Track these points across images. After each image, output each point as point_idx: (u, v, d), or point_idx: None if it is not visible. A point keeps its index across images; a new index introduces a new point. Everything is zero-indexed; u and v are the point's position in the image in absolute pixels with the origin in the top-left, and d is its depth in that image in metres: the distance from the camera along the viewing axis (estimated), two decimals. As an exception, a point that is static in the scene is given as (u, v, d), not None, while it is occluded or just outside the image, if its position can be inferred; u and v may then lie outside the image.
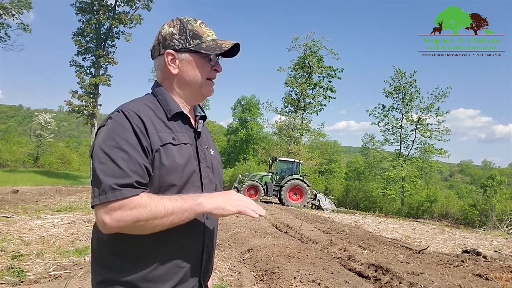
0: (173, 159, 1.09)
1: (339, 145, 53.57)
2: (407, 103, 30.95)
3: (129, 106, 1.11)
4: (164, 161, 1.07)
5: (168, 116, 1.17)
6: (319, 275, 4.49)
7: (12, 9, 27.58)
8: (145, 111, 1.12)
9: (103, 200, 0.97)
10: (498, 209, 22.51)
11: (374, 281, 4.64)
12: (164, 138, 1.10)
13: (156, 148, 1.07)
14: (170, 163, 1.08)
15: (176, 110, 1.18)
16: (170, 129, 1.14)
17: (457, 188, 48.63)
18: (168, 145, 1.10)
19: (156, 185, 1.07)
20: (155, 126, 1.10)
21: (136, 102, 1.16)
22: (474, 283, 4.55)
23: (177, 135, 1.15)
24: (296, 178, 19.18)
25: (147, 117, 1.10)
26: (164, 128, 1.13)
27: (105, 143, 1.03)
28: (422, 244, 8.65)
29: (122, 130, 1.04)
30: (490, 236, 11.98)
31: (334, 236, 8.25)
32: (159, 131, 1.11)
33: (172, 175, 1.08)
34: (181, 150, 1.13)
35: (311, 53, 30.51)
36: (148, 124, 1.08)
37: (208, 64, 1.22)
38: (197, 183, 1.17)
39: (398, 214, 26.40)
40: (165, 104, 1.19)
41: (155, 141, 1.08)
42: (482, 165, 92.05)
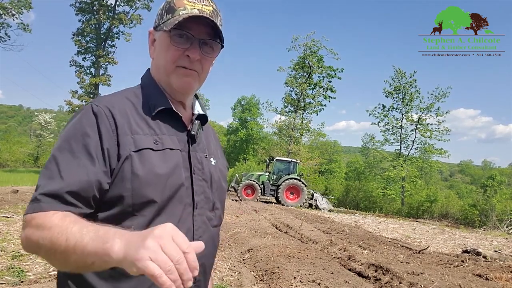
0: (150, 168, 0.87)
1: (339, 145, 53.57)
2: (407, 103, 30.94)
3: (104, 100, 0.92)
4: (137, 170, 0.85)
5: (152, 113, 0.95)
6: (319, 275, 4.49)
7: (12, 9, 27.58)
8: (122, 106, 0.92)
9: (26, 210, 0.78)
10: (498, 209, 22.51)
11: (374, 281, 4.63)
12: (140, 142, 0.88)
13: (127, 155, 0.86)
14: (146, 173, 0.86)
15: (160, 106, 0.96)
16: (153, 130, 0.93)
17: (457, 188, 48.61)
18: (146, 151, 0.88)
19: (127, 202, 0.84)
20: (131, 126, 0.90)
21: (116, 95, 0.97)
22: (474, 283, 4.55)
23: (162, 138, 0.93)
24: (293, 178, 19.17)
25: (123, 115, 0.90)
26: (144, 128, 0.92)
27: (58, 142, 0.86)
28: (422, 244, 8.65)
29: (81, 129, 0.85)
30: (490, 236, 11.98)
31: (334, 236, 8.24)
32: (136, 132, 0.89)
33: (148, 188, 0.86)
34: (165, 157, 0.91)
35: (311, 53, 30.49)
36: (120, 124, 0.88)
37: (171, 45, 0.95)
38: (187, 200, 0.93)
39: (398, 214, 26.40)
40: (147, 97, 0.98)
41: (127, 145, 0.87)
42: (482, 165, 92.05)
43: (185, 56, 0.96)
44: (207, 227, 0.99)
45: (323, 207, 19.59)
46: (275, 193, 19.25)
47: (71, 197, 0.79)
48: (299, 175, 20.05)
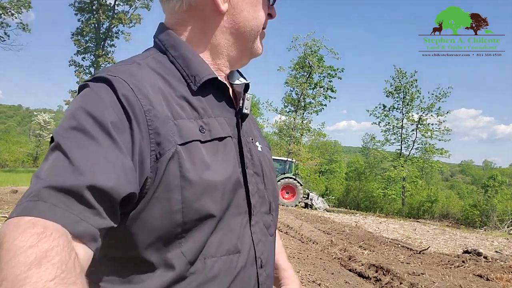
0: (204, 169, 0.62)
1: (340, 145, 53.57)
2: (408, 103, 30.94)
3: (122, 71, 0.63)
4: (189, 173, 0.60)
5: (193, 87, 0.68)
6: (320, 275, 4.46)
7: (11, 9, 27.59)
8: (152, 78, 0.65)
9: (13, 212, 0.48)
10: (499, 210, 22.49)
11: (375, 281, 4.61)
12: (187, 130, 0.63)
13: (172, 151, 0.59)
14: (201, 177, 0.61)
15: (206, 75, 0.69)
16: (196, 111, 0.67)
17: (457, 188, 48.61)
18: (194, 144, 0.63)
19: (176, 220, 0.59)
20: (171, 107, 0.63)
21: (134, 65, 0.66)
22: (475, 284, 4.53)
23: (208, 123, 0.67)
24: (288, 177, 19.14)
25: (157, 91, 0.63)
26: (187, 109, 0.66)
27: (62, 125, 0.55)
28: (422, 244, 8.62)
29: (96, 102, 0.57)
30: (491, 237, 11.95)
31: (334, 236, 8.22)
32: (179, 116, 0.63)
33: (205, 198, 0.61)
34: (217, 150, 0.67)
35: (312, 53, 30.48)
36: (157, 104, 0.61)
37: (267, 1, 0.77)
38: (243, 206, 0.69)
39: (398, 214, 26.38)
40: (185, 65, 0.70)
41: (170, 136, 0.60)
42: (483, 165, 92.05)
43: (267, 16, 0.79)
44: (266, 238, 0.75)
45: (319, 207, 19.59)
46: None
47: (95, 197, 0.50)
48: (295, 175, 20.00)
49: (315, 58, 30.54)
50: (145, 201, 0.59)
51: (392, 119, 31.85)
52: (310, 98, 31.96)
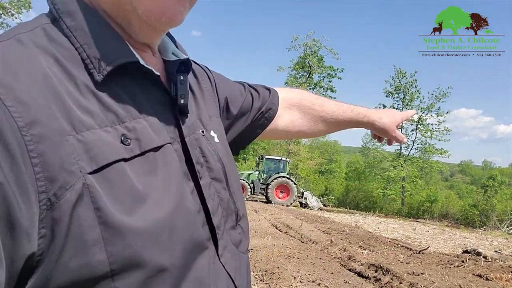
0: (135, 204, 0.42)
1: (339, 145, 53.58)
2: (408, 103, 30.96)
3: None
4: (112, 216, 0.40)
5: (96, 76, 0.45)
6: (319, 275, 4.48)
7: (11, 9, 27.58)
8: (34, 64, 0.41)
9: None
10: (498, 209, 22.53)
11: (374, 281, 4.62)
12: (101, 146, 0.42)
13: (78, 188, 0.39)
14: (133, 219, 0.41)
15: (116, 58, 0.46)
16: (112, 112, 0.45)
17: (457, 188, 48.62)
18: (116, 166, 0.42)
19: (106, 285, 0.40)
20: (67, 109, 0.41)
21: (5, 39, 0.42)
22: (475, 284, 4.54)
23: (135, 128, 0.46)
24: (282, 176, 19.12)
25: (41, 84, 0.40)
26: (95, 110, 0.43)
27: None
28: (422, 244, 8.63)
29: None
30: (491, 236, 11.96)
31: (334, 236, 8.23)
32: (82, 125, 0.41)
33: (147, 248, 0.42)
34: (156, 167, 0.46)
35: (311, 53, 30.49)
36: (41, 106, 0.39)
37: None
38: (203, 236, 0.51)
39: (398, 214, 26.39)
40: (85, 41, 0.46)
41: (69, 161, 0.39)
42: (482, 165, 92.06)
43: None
44: (241, 261, 0.59)
45: (313, 205, 19.63)
46: (265, 191, 19.19)
47: None
48: (289, 174, 19.97)
49: (315, 58, 30.56)
50: (40, 278, 0.38)
51: (392, 119, 31.84)
52: (310, 98, 31.87)
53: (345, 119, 1.02)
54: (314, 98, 1.00)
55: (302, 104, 0.97)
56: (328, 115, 1.00)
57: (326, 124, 1.01)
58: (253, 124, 0.85)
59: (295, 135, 1.01)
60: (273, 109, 0.89)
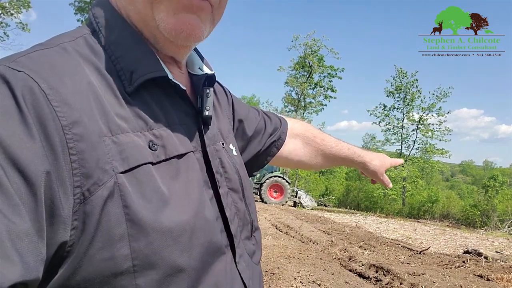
0: (161, 206, 0.45)
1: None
2: (408, 103, 30.96)
3: (28, 59, 0.42)
4: (138, 215, 0.42)
5: (127, 87, 0.48)
6: (320, 275, 4.47)
7: (11, 9, 27.61)
8: (78, 71, 0.45)
9: None
10: (499, 210, 22.50)
11: (375, 282, 4.61)
12: (132, 149, 0.45)
13: (110, 185, 0.42)
14: (157, 218, 0.44)
15: (147, 73, 0.50)
16: (142, 120, 0.48)
17: (458, 189, 48.61)
18: (143, 168, 0.45)
19: (127, 282, 0.42)
20: (106, 113, 0.44)
21: (51, 47, 0.46)
22: (476, 284, 4.52)
23: (160, 135, 0.49)
24: (276, 176, 19.10)
25: (84, 89, 0.44)
26: (129, 117, 0.47)
27: None
28: (423, 244, 8.62)
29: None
30: (492, 237, 11.94)
31: (334, 236, 8.22)
32: (118, 128, 0.45)
33: (168, 248, 0.44)
34: (178, 173, 0.49)
35: (312, 53, 30.49)
36: (83, 109, 0.42)
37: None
38: (222, 242, 0.53)
39: (399, 214, 26.37)
40: (118, 54, 0.50)
41: (104, 160, 0.42)
42: (483, 165, 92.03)
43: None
44: (254, 271, 0.61)
45: (307, 205, 19.64)
46: (258, 191, 19.17)
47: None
48: (283, 173, 19.93)
49: (315, 58, 30.55)
50: (69, 268, 0.40)
51: (393, 119, 31.88)
52: (310, 98, 31.97)
53: (341, 156, 1.07)
54: (317, 132, 1.07)
55: (306, 135, 1.03)
56: (327, 150, 1.05)
57: (324, 158, 1.06)
58: (265, 151, 0.91)
59: (294, 164, 1.04)
60: (282, 138, 0.94)
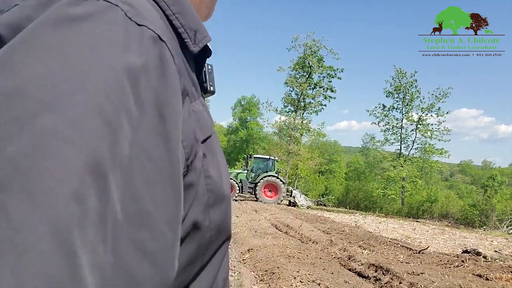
0: (220, 175, 0.45)
1: (339, 145, 53.62)
2: (408, 103, 30.99)
3: (147, 11, 0.34)
4: (216, 185, 0.43)
5: (192, 46, 0.42)
6: (319, 275, 4.49)
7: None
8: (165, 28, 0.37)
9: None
10: (498, 209, 22.56)
11: (374, 281, 4.63)
12: (204, 119, 0.43)
13: (201, 156, 0.40)
14: (220, 188, 0.44)
15: (207, 35, 0.45)
16: (194, 85, 0.43)
17: (457, 188, 48.65)
18: (211, 139, 0.44)
19: (201, 252, 0.43)
20: (186, 76, 0.40)
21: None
22: (474, 283, 4.54)
23: (204, 103, 0.46)
24: (270, 175, 19.08)
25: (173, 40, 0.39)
26: (194, 82, 0.44)
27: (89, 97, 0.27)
28: (422, 244, 8.64)
29: (166, 95, 0.32)
30: (490, 236, 11.97)
31: (334, 236, 8.24)
32: (192, 95, 0.41)
33: (228, 215, 0.49)
34: (216, 146, 0.46)
35: (312, 53, 30.50)
36: (181, 65, 0.38)
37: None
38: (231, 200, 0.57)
39: (398, 214, 26.41)
40: (179, 10, 0.41)
41: (195, 129, 0.39)
42: (482, 165, 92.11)
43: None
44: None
45: (301, 204, 19.66)
46: (253, 190, 19.16)
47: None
48: (277, 172, 19.94)
49: (315, 58, 30.56)
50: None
51: (392, 119, 31.93)
52: (310, 98, 32.00)
53: None
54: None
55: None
56: None
57: None
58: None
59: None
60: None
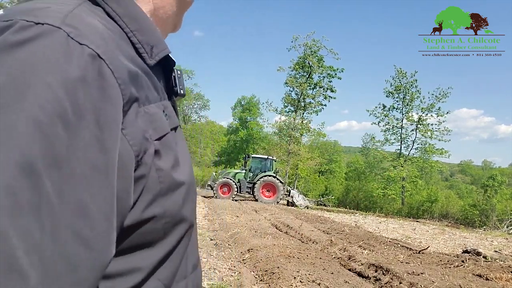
0: (177, 167, 0.50)
1: (339, 145, 53.59)
2: (408, 103, 30.99)
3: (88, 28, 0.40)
4: (168, 176, 0.48)
5: (148, 60, 0.49)
6: (319, 275, 4.49)
7: (12, 9, 27.54)
8: (116, 42, 0.44)
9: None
10: (498, 209, 22.55)
11: (374, 281, 4.63)
12: (159, 120, 0.48)
13: (152, 153, 0.45)
14: (179, 178, 0.50)
15: (164, 49, 0.52)
16: (156, 91, 0.50)
17: (457, 188, 48.64)
18: (167, 137, 0.49)
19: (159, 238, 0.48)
20: (138, 83, 0.45)
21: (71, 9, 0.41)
22: (475, 283, 4.54)
23: (166, 106, 0.52)
24: (268, 175, 19.06)
25: (121, 53, 0.44)
26: (149, 86, 0.48)
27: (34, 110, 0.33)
28: (422, 244, 8.64)
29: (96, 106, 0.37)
30: (491, 236, 11.97)
31: (334, 236, 8.24)
32: (147, 99, 0.46)
33: (186, 204, 0.52)
34: (178, 144, 0.53)
35: (312, 53, 30.49)
36: (128, 75, 0.42)
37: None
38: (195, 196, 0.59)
39: (398, 214, 26.40)
40: (136, 28, 0.49)
41: (146, 129, 0.44)
42: (482, 165, 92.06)
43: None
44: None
45: (300, 204, 19.67)
46: (252, 190, 19.15)
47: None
48: (275, 172, 19.94)
49: (315, 58, 30.55)
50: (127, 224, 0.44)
51: (392, 119, 31.91)
52: (310, 98, 31.98)
53: None
54: None
55: None
56: None
57: None
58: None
59: None
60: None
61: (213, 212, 11.50)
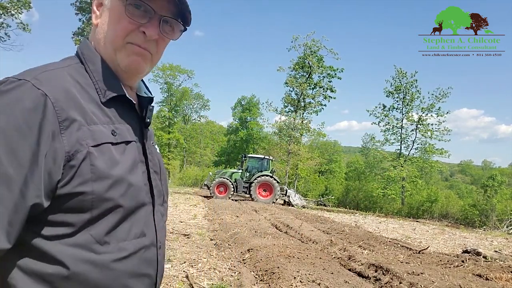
0: (113, 167, 0.74)
1: (339, 145, 53.58)
2: (408, 103, 30.97)
3: (42, 78, 0.71)
4: (100, 170, 0.72)
5: (102, 98, 0.79)
6: (319, 275, 4.48)
7: (11, 9, 27.53)
8: (69, 87, 0.73)
9: None
10: (498, 209, 22.55)
11: (374, 281, 4.63)
12: (99, 134, 0.74)
13: (85, 153, 0.71)
14: (110, 174, 0.73)
15: (113, 91, 0.81)
16: (108, 118, 0.78)
17: (457, 188, 48.62)
18: (106, 146, 0.74)
19: (87, 207, 0.71)
20: (85, 114, 0.73)
21: (55, 71, 0.76)
22: (474, 283, 4.54)
23: (118, 128, 0.79)
24: (265, 175, 19.03)
25: (72, 99, 0.72)
26: (100, 116, 0.76)
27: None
28: (422, 244, 8.64)
29: (18, 112, 0.66)
30: (490, 236, 11.97)
31: (334, 236, 8.24)
32: (92, 121, 0.74)
33: (113, 191, 0.74)
34: (125, 152, 0.78)
35: (311, 53, 30.48)
36: (72, 107, 0.71)
37: (125, 16, 0.79)
38: (147, 199, 0.83)
39: (398, 214, 26.40)
40: (95, 77, 0.80)
41: (83, 139, 0.71)
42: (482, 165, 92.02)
43: (140, 32, 0.80)
44: (163, 225, 0.93)
45: (296, 203, 19.65)
46: (248, 190, 19.13)
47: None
48: (272, 172, 19.93)
49: (315, 58, 30.53)
50: (62, 193, 0.70)
51: (392, 119, 31.90)
52: (309, 98, 31.96)
53: None
54: None
55: None
56: None
57: None
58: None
59: None
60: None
61: (213, 212, 11.49)
